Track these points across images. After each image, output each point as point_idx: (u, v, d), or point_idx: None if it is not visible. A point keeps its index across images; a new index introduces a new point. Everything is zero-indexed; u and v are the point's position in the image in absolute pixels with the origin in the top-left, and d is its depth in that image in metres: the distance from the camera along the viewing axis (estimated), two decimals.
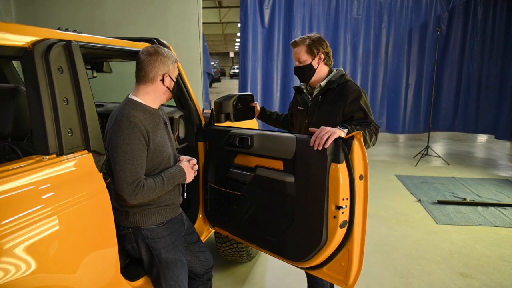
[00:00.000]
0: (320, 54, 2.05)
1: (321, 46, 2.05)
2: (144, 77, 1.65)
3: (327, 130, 1.67)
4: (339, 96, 2.00)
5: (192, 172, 1.81)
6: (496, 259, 3.15)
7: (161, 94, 1.70)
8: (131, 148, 1.55)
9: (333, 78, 2.07)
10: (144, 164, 1.60)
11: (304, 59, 2.06)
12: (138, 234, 1.69)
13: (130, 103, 1.64)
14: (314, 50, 2.04)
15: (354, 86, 2.00)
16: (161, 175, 1.65)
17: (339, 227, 1.68)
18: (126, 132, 1.55)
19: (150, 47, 1.68)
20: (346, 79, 2.04)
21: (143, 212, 1.68)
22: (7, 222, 1.07)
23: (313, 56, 2.05)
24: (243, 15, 6.36)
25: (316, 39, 2.06)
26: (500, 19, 6.70)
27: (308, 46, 2.04)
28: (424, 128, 7.10)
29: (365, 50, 6.79)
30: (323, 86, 2.07)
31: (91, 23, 4.77)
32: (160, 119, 1.73)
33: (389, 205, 4.39)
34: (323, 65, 2.08)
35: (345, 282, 1.77)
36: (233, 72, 35.90)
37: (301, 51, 2.06)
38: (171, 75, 1.70)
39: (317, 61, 2.06)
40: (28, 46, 1.30)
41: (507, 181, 5.36)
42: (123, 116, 1.58)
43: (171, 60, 1.69)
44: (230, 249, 2.84)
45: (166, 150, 1.71)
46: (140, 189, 1.55)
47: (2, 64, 2.54)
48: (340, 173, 1.64)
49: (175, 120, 2.30)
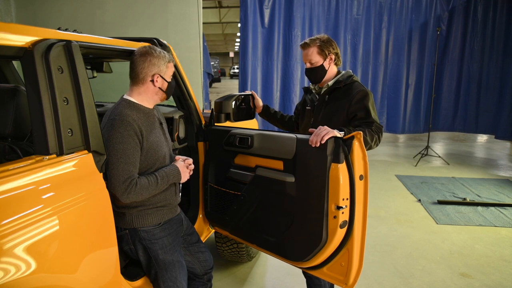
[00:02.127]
0: (331, 55, 2.06)
1: (331, 47, 2.06)
2: (135, 77, 1.65)
3: (325, 128, 1.69)
4: (345, 95, 2.00)
5: (188, 172, 1.80)
6: (496, 259, 3.15)
7: (153, 94, 1.70)
8: (124, 146, 1.55)
9: (340, 78, 2.08)
10: (137, 163, 1.59)
11: (316, 60, 2.06)
12: (135, 235, 1.69)
13: (123, 103, 1.65)
14: (325, 51, 2.05)
15: (361, 87, 2.01)
16: (155, 174, 1.65)
17: (339, 227, 1.68)
18: (119, 131, 1.55)
19: (143, 47, 1.67)
20: (353, 79, 2.05)
21: (139, 214, 1.67)
22: (7, 222, 1.07)
23: (325, 57, 2.06)
24: (243, 15, 6.36)
25: (326, 40, 2.07)
26: (500, 19, 6.70)
27: (319, 47, 2.04)
28: (424, 128, 7.10)
29: (365, 50, 6.79)
30: (330, 86, 2.08)
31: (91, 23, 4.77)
32: (155, 118, 1.73)
33: (389, 205, 4.39)
34: (333, 66, 2.10)
35: (345, 282, 1.77)
36: (233, 72, 35.88)
37: (313, 52, 2.06)
38: (164, 75, 1.68)
39: (328, 62, 2.07)
40: (28, 46, 1.30)
41: (507, 181, 5.36)
42: (116, 115, 1.58)
43: (164, 61, 1.67)
44: (230, 249, 2.83)
45: (161, 150, 1.71)
46: (132, 187, 1.55)
47: (2, 64, 2.54)
48: (340, 173, 1.64)
49: (175, 120, 2.30)
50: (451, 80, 7.01)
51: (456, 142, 8.44)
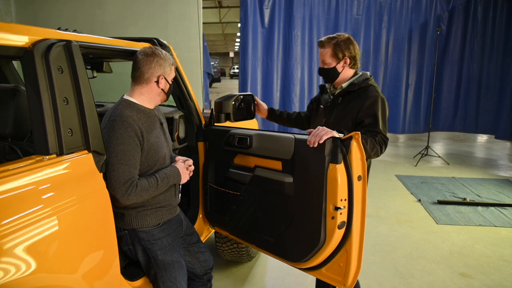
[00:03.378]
0: (345, 59, 1.95)
1: (347, 50, 1.94)
2: (140, 77, 1.65)
3: (323, 128, 1.68)
4: (358, 99, 1.93)
5: (188, 173, 1.80)
6: (496, 259, 3.15)
7: (156, 95, 1.70)
8: (124, 148, 1.54)
9: (355, 80, 1.99)
10: (137, 164, 1.59)
11: (329, 61, 1.97)
12: (134, 236, 1.69)
13: (124, 103, 1.64)
14: (339, 54, 1.94)
15: (375, 92, 1.92)
16: (155, 175, 1.65)
17: (337, 228, 1.68)
18: (119, 132, 1.55)
19: (148, 47, 1.68)
20: (369, 83, 1.95)
21: (138, 214, 1.67)
22: (7, 222, 1.07)
23: (338, 60, 1.95)
24: (243, 15, 6.37)
25: (344, 41, 1.95)
26: (500, 19, 6.69)
27: (334, 49, 1.94)
28: (424, 128, 7.10)
29: (365, 50, 6.79)
30: (344, 88, 1.99)
31: (91, 23, 4.77)
32: (155, 119, 1.73)
33: (389, 205, 4.39)
34: (348, 69, 1.99)
35: (344, 283, 1.76)
36: (233, 72, 35.87)
37: (327, 53, 1.96)
38: (167, 77, 1.70)
39: (342, 65, 1.97)
40: (28, 46, 1.30)
41: (507, 181, 5.36)
42: (116, 116, 1.58)
43: (168, 63, 1.69)
44: (230, 249, 2.84)
45: (162, 150, 1.70)
46: (133, 189, 1.55)
47: (2, 64, 2.54)
48: (338, 174, 1.64)
49: (175, 120, 2.30)
50: (451, 80, 7.01)
51: (456, 142, 8.44)
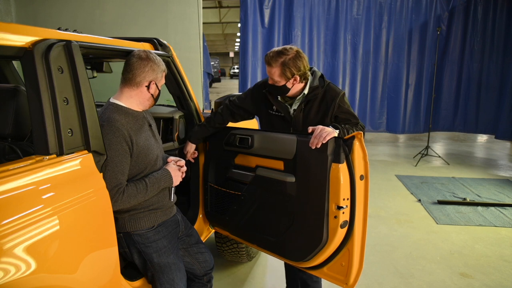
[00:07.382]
0: (295, 77, 1.87)
1: (295, 68, 1.85)
2: (131, 80, 1.63)
3: (324, 128, 1.68)
4: (324, 100, 1.97)
5: (180, 175, 1.76)
6: (496, 259, 3.15)
7: (145, 100, 1.67)
8: (112, 153, 1.52)
9: (314, 84, 1.95)
10: (125, 170, 1.57)
11: (278, 80, 1.89)
12: (129, 239, 1.67)
13: (111, 107, 1.62)
14: (288, 74, 1.85)
15: (336, 89, 1.98)
16: (145, 180, 1.62)
17: (340, 227, 1.68)
18: (107, 137, 1.52)
19: (142, 51, 1.66)
20: (325, 81, 1.99)
21: (131, 217, 1.65)
22: (7, 222, 1.07)
23: (288, 79, 1.88)
24: (243, 15, 6.37)
25: (292, 59, 1.84)
26: (500, 19, 6.70)
27: (282, 69, 1.85)
28: (424, 128, 7.10)
29: (365, 50, 6.79)
30: (307, 94, 1.96)
31: (91, 23, 4.77)
32: (144, 121, 1.70)
33: (389, 205, 4.39)
34: (298, 84, 1.93)
35: (346, 282, 1.77)
36: (233, 72, 35.88)
37: (275, 73, 1.87)
38: (158, 83, 1.68)
39: (292, 82, 1.90)
40: (28, 46, 1.30)
41: (507, 181, 5.36)
42: (104, 121, 1.55)
43: (161, 69, 1.68)
44: (230, 249, 2.83)
45: (152, 153, 1.68)
46: (119, 196, 1.52)
47: (2, 64, 2.53)
48: (341, 173, 1.64)
49: (175, 120, 2.30)
50: (451, 80, 7.01)
51: (456, 142, 8.44)
